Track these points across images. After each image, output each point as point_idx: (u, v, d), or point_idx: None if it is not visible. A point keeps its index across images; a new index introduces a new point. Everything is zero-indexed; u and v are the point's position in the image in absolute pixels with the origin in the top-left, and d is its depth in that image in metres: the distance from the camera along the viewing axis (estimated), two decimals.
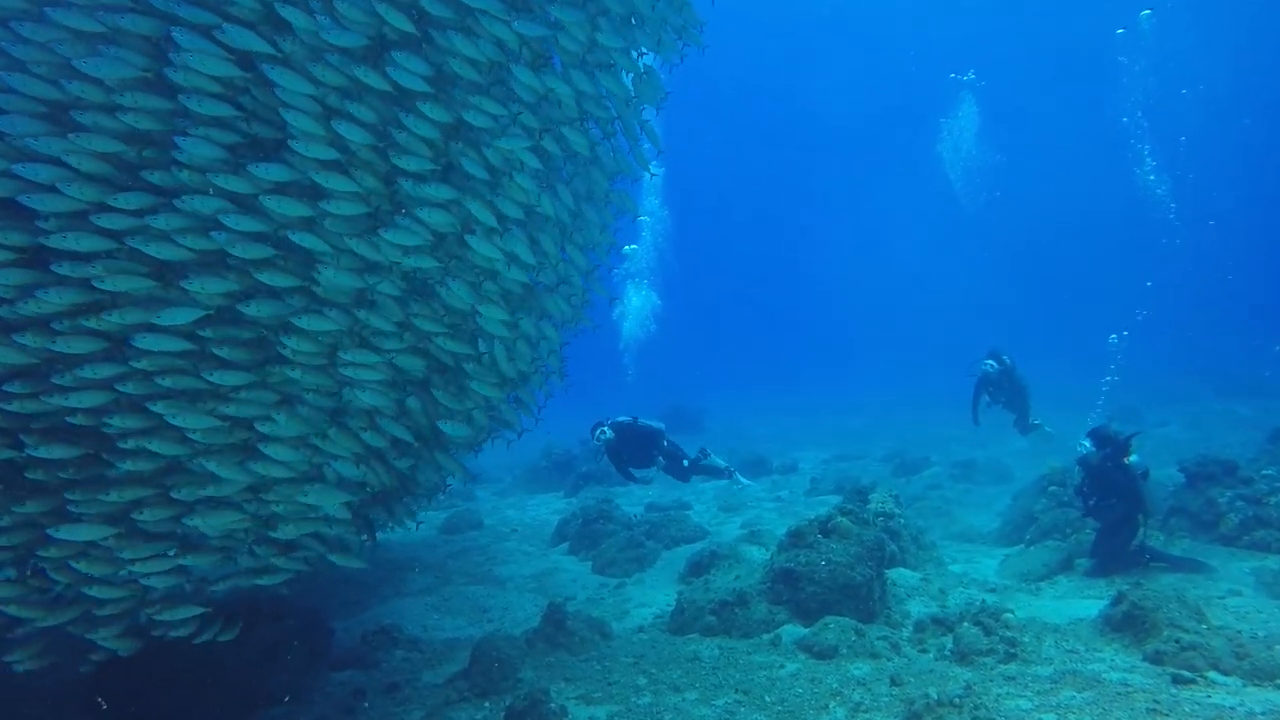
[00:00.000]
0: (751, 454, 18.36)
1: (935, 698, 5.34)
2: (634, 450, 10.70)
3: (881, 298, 66.91)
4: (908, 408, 28.07)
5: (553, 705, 5.71)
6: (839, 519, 7.88)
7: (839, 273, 73.44)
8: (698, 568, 9.23)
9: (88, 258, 4.57)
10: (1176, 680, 5.59)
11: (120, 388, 4.72)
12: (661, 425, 10.90)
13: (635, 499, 15.41)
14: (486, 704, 6.28)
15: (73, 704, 6.00)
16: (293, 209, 4.96)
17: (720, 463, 11.58)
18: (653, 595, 9.17)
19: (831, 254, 74.89)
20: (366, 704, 6.50)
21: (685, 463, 10.82)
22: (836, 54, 62.10)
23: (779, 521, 11.82)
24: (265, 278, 4.96)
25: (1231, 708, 5.10)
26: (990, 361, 13.38)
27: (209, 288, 4.79)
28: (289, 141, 4.90)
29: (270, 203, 4.85)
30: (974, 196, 39.23)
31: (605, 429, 10.43)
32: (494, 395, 6.53)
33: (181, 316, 4.74)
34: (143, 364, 4.75)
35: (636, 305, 31.63)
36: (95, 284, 4.55)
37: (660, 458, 10.75)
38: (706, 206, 64.32)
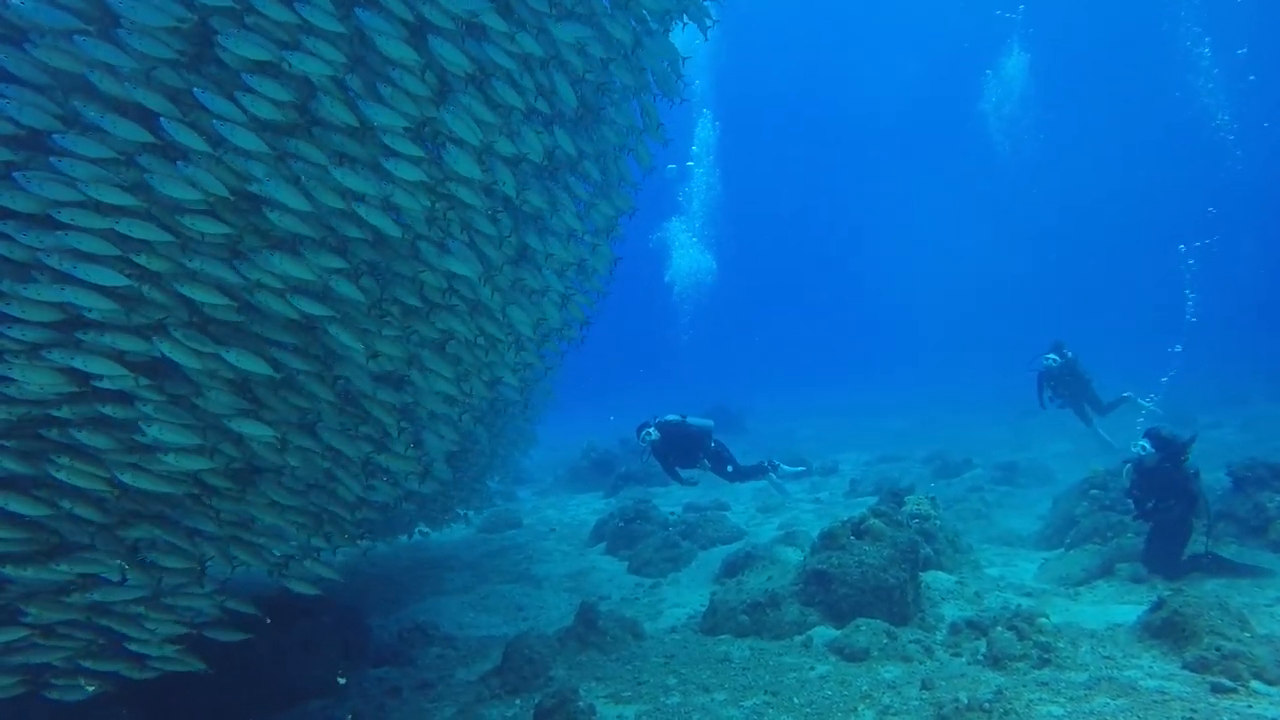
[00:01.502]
0: (792, 455, 18.27)
1: (965, 702, 5.31)
2: (681, 450, 10.72)
3: (930, 297, 65.90)
4: (953, 409, 27.68)
5: (581, 704, 5.77)
6: (872, 520, 7.84)
7: (887, 272, 72.47)
8: (733, 568, 9.24)
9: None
10: (1216, 689, 5.46)
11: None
12: (710, 424, 10.90)
13: (674, 499, 15.45)
14: (517, 701, 6.37)
15: (112, 697, 6.18)
16: (250, 142, 4.65)
17: (795, 469, 11.68)
18: (687, 596, 9.20)
19: (879, 252, 73.92)
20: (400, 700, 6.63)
21: (730, 469, 10.81)
22: (880, 40, 61.20)
23: (816, 523, 11.75)
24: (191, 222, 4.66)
25: (1274, 719, 4.98)
26: (1052, 355, 13.16)
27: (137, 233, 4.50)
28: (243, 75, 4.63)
29: (226, 129, 4.55)
30: (1019, 157, 38.23)
31: (651, 429, 10.46)
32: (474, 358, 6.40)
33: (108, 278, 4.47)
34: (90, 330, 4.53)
35: (686, 252, 31.37)
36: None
37: (705, 459, 10.75)
38: (751, 202, 63.65)
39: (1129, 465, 8.68)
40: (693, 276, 32.82)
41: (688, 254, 32.20)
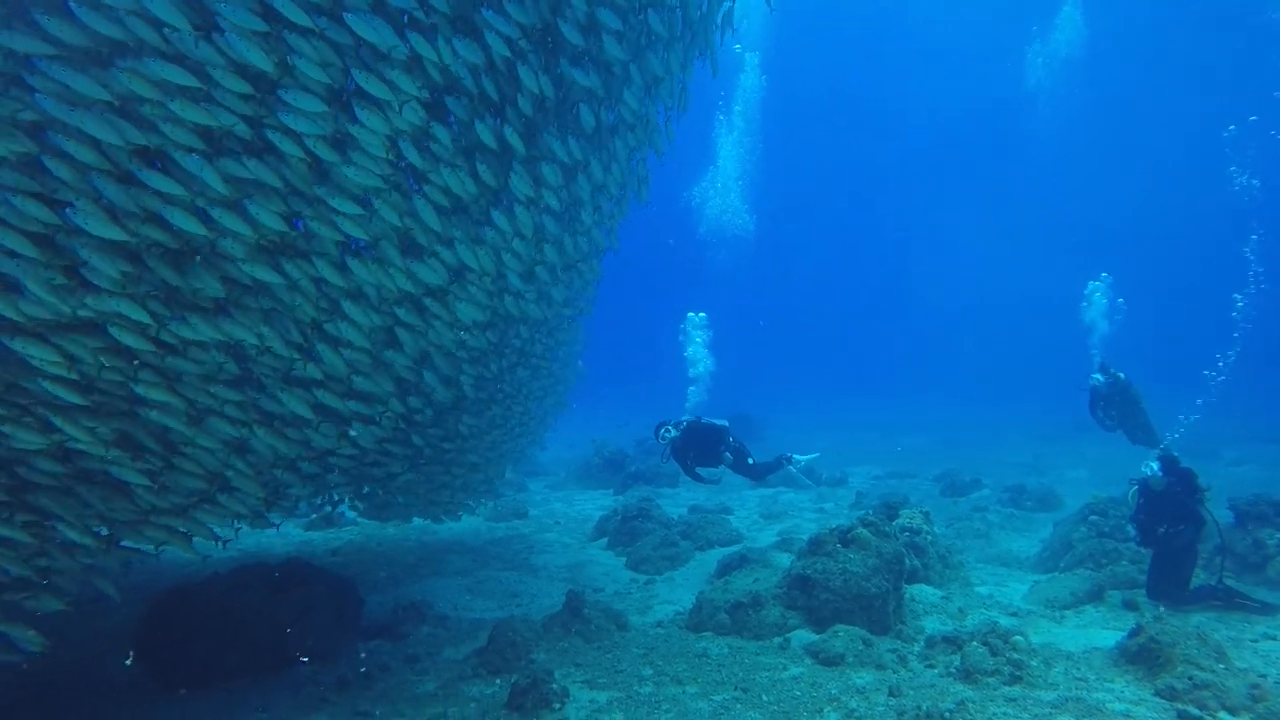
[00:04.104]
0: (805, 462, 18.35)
1: (925, 710, 5.40)
2: (700, 449, 10.85)
3: (967, 312, 65.09)
4: (978, 430, 27.56)
5: (554, 686, 5.93)
6: (859, 530, 7.91)
7: (921, 281, 71.76)
8: (726, 570, 9.36)
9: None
10: (1182, 716, 5.49)
11: None
12: (725, 423, 11.05)
13: (680, 500, 15.61)
14: (497, 681, 6.54)
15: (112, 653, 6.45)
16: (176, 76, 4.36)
17: (809, 455, 11.74)
18: (679, 594, 9.32)
19: (914, 261, 73.12)
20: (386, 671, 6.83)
21: (750, 461, 10.94)
22: (922, 56, 60.42)
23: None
24: None
25: None
26: (1097, 375, 13.08)
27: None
28: None
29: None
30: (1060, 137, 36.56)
31: (670, 428, 10.62)
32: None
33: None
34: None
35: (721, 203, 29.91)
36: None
37: (727, 453, 10.88)
38: (784, 214, 63.12)
39: (1135, 488, 8.47)
40: (730, 229, 31.09)
41: (723, 205, 30.57)
